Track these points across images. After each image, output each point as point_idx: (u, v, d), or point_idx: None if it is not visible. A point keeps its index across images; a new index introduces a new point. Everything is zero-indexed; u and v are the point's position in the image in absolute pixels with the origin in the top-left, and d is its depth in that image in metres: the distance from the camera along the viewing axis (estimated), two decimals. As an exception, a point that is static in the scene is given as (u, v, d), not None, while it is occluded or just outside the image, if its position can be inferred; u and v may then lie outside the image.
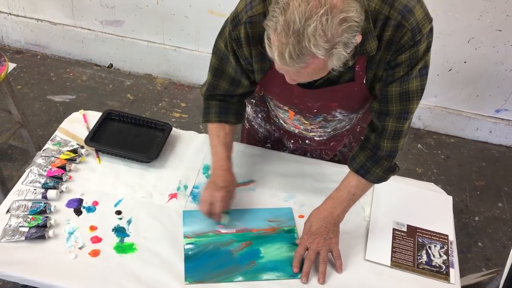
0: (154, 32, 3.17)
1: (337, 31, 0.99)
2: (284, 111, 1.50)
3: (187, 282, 1.32)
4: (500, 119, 3.03)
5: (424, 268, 1.41)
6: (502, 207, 2.72)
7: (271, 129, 1.72)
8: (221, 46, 1.35)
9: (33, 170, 1.53)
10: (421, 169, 2.91)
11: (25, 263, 1.32)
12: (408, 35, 1.15)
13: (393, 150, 1.35)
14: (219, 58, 1.38)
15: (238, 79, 1.40)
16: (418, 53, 1.18)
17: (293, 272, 1.36)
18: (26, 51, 3.49)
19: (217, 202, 1.40)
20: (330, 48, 1.00)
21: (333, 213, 1.39)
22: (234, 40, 1.28)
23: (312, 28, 0.97)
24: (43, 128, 2.89)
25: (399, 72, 1.21)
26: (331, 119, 1.46)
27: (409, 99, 1.26)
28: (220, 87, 1.43)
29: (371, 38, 1.16)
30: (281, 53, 1.02)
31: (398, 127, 1.30)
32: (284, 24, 0.99)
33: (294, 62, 1.02)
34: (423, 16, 1.15)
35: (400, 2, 1.14)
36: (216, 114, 1.47)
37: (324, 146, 1.68)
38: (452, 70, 2.88)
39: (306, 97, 1.36)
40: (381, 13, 1.14)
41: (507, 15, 2.59)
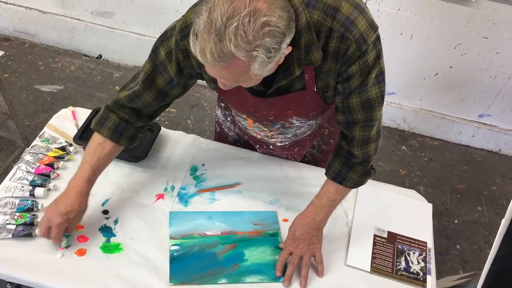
0: (144, 25, 3.17)
1: (258, 33, 1.00)
2: (244, 119, 1.52)
3: (171, 284, 1.34)
4: (483, 124, 3.10)
5: (403, 274, 1.46)
6: (481, 210, 2.79)
7: (240, 133, 1.75)
8: (161, 54, 1.32)
9: (21, 167, 1.54)
10: (404, 170, 2.96)
11: (12, 261, 1.33)
12: (353, 46, 1.17)
13: (365, 156, 1.38)
14: (154, 66, 1.34)
15: (165, 92, 1.37)
16: (368, 62, 1.20)
17: (275, 276, 1.39)
18: (14, 39, 3.46)
19: (53, 229, 1.33)
20: (251, 50, 1.01)
21: (315, 219, 1.43)
22: (181, 50, 1.27)
23: (233, 27, 0.98)
24: (30, 119, 2.88)
25: (354, 83, 1.24)
26: (289, 126, 1.48)
27: (371, 106, 1.29)
28: (143, 99, 1.38)
29: (315, 48, 1.17)
30: (203, 50, 1.03)
31: (365, 135, 1.34)
32: (207, 21, 1.00)
33: (215, 60, 1.03)
34: (366, 27, 1.17)
35: (342, 14, 1.15)
36: (110, 130, 1.40)
37: (289, 152, 1.70)
38: (438, 74, 2.93)
39: (260, 106, 1.38)
40: (324, 25, 1.16)
41: (494, 23, 2.63)
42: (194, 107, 3.14)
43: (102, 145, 1.41)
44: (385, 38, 2.76)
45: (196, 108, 3.14)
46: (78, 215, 1.37)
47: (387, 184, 1.75)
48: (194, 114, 3.09)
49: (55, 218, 1.32)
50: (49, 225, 1.33)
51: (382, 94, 1.29)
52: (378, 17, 2.70)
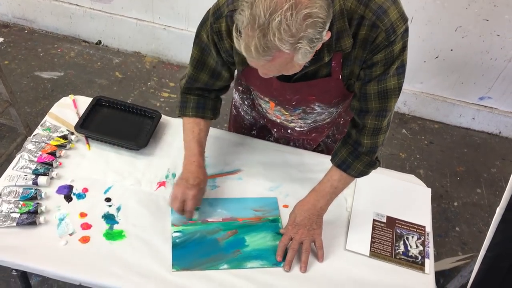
0: (143, 10, 3.15)
1: (301, 26, 1.01)
2: (265, 102, 1.54)
3: (174, 269, 1.37)
4: (483, 106, 3.10)
5: (401, 258, 1.48)
6: (481, 193, 2.81)
7: (257, 117, 1.76)
8: (203, 37, 1.37)
9: (23, 156, 1.56)
10: (404, 154, 2.97)
11: (16, 249, 1.36)
12: (383, 35, 1.18)
13: (373, 146, 1.39)
14: (201, 49, 1.40)
15: (218, 71, 1.43)
16: (394, 52, 1.22)
17: (276, 261, 1.42)
18: (13, 25, 3.45)
19: (189, 200, 1.42)
20: (295, 43, 1.03)
21: (316, 206, 1.44)
22: (215, 33, 1.30)
23: (276, 22, 1.00)
24: (31, 105, 2.89)
25: (376, 71, 1.25)
26: (310, 112, 1.50)
27: (387, 97, 1.30)
28: (200, 79, 1.45)
29: (346, 36, 1.19)
30: (248, 46, 1.05)
31: (377, 124, 1.35)
32: (250, 17, 1.02)
33: (260, 55, 1.05)
34: (397, 17, 1.18)
35: (375, 3, 1.16)
36: (193, 109, 1.49)
37: (306, 137, 1.72)
38: (438, 57, 2.92)
39: (284, 90, 1.39)
40: (357, 13, 1.17)
41: (495, 5, 2.62)
42: (195, 92, 3.14)
43: (192, 125, 1.50)
44: (385, 22, 2.76)
45: (197, 93, 3.14)
46: (205, 185, 1.48)
47: (386, 169, 1.76)
48: (195, 99, 3.09)
49: (189, 191, 1.42)
50: (184, 199, 1.42)
51: (400, 86, 1.30)
52: (378, 0, 2.69)
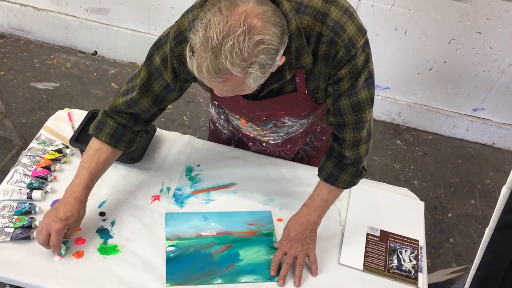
0: (139, 22, 3.17)
1: (253, 51, 1.03)
2: (237, 119, 1.56)
3: (168, 284, 1.37)
4: (477, 117, 3.12)
5: (395, 272, 1.49)
6: (475, 204, 2.82)
7: (233, 131, 1.77)
8: (156, 61, 1.34)
9: (18, 169, 1.56)
10: (399, 165, 2.99)
11: (10, 263, 1.36)
12: (343, 51, 1.19)
13: (357, 157, 1.40)
14: (149, 73, 1.36)
15: (162, 97, 1.40)
16: (357, 66, 1.23)
17: (270, 275, 1.42)
18: (9, 36, 3.46)
19: (53, 235, 1.33)
20: (246, 67, 1.04)
21: (309, 220, 1.45)
22: (176, 57, 1.29)
23: (229, 45, 1.01)
24: (27, 116, 2.90)
25: (344, 85, 1.26)
26: (281, 125, 1.51)
27: (361, 109, 1.31)
28: (140, 105, 1.40)
29: (305, 53, 1.20)
30: (200, 67, 1.06)
31: (356, 136, 1.36)
32: (203, 39, 1.03)
33: (211, 77, 1.06)
34: (355, 31, 1.19)
35: (331, 19, 1.17)
36: (108, 136, 1.42)
37: (281, 148, 1.73)
38: (432, 69, 2.95)
39: (252, 108, 1.41)
40: (314, 30, 1.18)
41: (487, 18, 2.65)
42: (190, 103, 3.15)
43: (99, 151, 1.42)
44: (380, 34, 2.80)
45: (192, 104, 3.15)
46: (77, 220, 1.39)
47: (380, 182, 1.77)
48: (190, 110, 3.11)
49: (54, 224, 1.33)
50: (48, 232, 1.34)
51: (371, 97, 1.31)
52: (372, 13, 2.72)
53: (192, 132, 2.93)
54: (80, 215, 1.39)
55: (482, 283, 1.10)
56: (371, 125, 1.39)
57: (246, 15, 1.01)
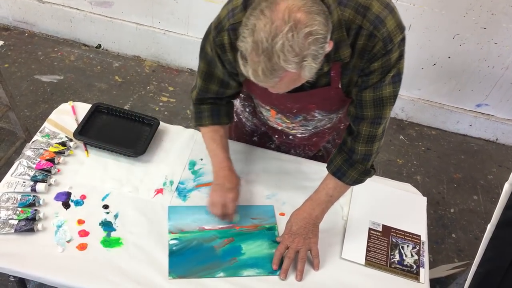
0: (143, 15, 3.17)
1: (304, 45, 1.04)
2: (267, 110, 1.56)
3: (170, 277, 1.38)
4: (481, 113, 3.11)
5: (396, 267, 1.49)
6: (477, 199, 2.82)
7: (258, 123, 1.77)
8: (208, 50, 1.39)
9: (22, 162, 1.57)
10: (401, 160, 2.99)
11: (14, 255, 1.37)
12: (380, 44, 1.19)
13: (367, 153, 1.41)
14: (208, 62, 1.42)
15: (226, 81, 1.44)
16: (390, 61, 1.23)
17: (272, 269, 1.43)
18: (14, 28, 3.46)
19: (229, 203, 1.48)
20: (300, 61, 1.06)
21: (312, 214, 1.46)
22: (218, 46, 1.32)
23: (279, 45, 1.03)
24: (31, 109, 2.90)
25: (373, 79, 1.27)
26: (311, 119, 1.52)
27: (382, 105, 1.31)
28: (211, 90, 1.47)
29: (344, 46, 1.21)
30: (255, 71, 1.08)
31: (372, 131, 1.36)
32: (253, 44, 1.05)
33: (268, 78, 1.08)
34: (394, 27, 1.19)
35: (372, 13, 1.18)
36: (209, 118, 1.53)
37: (307, 142, 1.73)
38: (436, 64, 2.94)
39: (285, 100, 1.42)
40: (354, 23, 1.19)
41: (492, 13, 2.63)
42: (193, 97, 3.15)
43: (212, 132, 1.55)
44: (383, 29, 2.78)
45: (195, 98, 3.15)
46: (239, 187, 1.53)
47: (383, 178, 1.77)
48: (193, 104, 3.10)
49: (228, 194, 1.48)
50: (224, 203, 1.48)
51: (395, 94, 1.32)
52: (376, 8, 2.71)
53: (195, 126, 2.93)
54: (239, 181, 1.54)
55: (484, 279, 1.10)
56: (387, 123, 1.39)
57: (289, 11, 1.02)
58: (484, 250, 1.05)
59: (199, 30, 3.13)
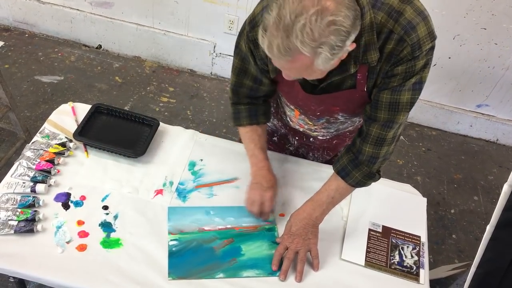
0: (143, 15, 3.17)
1: (324, 31, 1.04)
2: (291, 110, 1.56)
3: (170, 278, 1.38)
4: (481, 114, 3.11)
5: (396, 268, 1.49)
6: (478, 200, 2.82)
7: (278, 125, 1.77)
8: (242, 46, 1.40)
9: (22, 163, 1.57)
10: (402, 161, 2.98)
11: (14, 256, 1.37)
12: (408, 49, 1.18)
13: (374, 156, 1.39)
14: (241, 58, 1.43)
15: (260, 78, 1.46)
16: (415, 67, 1.21)
17: (272, 270, 1.43)
18: (14, 29, 3.46)
19: (267, 202, 1.52)
20: (316, 47, 1.05)
21: (312, 215, 1.46)
22: (251, 41, 1.34)
23: (301, 25, 1.03)
24: (31, 110, 2.90)
25: (394, 82, 1.25)
26: (334, 121, 1.51)
27: (397, 109, 1.30)
28: (244, 85, 1.49)
29: (373, 49, 1.20)
30: (271, 44, 1.08)
31: (382, 134, 1.35)
32: (276, 17, 1.05)
33: (281, 55, 1.08)
34: (425, 34, 1.18)
35: (405, 18, 1.17)
36: (247, 118, 1.55)
37: (327, 144, 1.72)
38: (436, 65, 2.94)
39: (309, 101, 1.42)
40: (386, 27, 1.18)
41: (493, 14, 2.63)
42: (194, 98, 3.16)
43: (250, 132, 1.57)
44: (384, 29, 2.78)
45: (196, 98, 3.16)
46: (277, 187, 1.56)
47: (383, 178, 1.75)
48: (194, 104, 3.11)
49: (266, 193, 1.51)
50: (261, 202, 1.51)
51: (412, 102, 1.29)
52: (376, 8, 2.71)
53: (195, 126, 2.93)
54: (277, 181, 1.57)
55: (483, 279, 1.10)
56: (400, 129, 1.38)
57: None
58: (483, 251, 1.05)
59: (199, 30, 3.14)
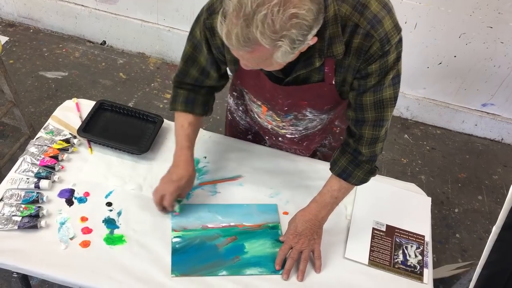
0: (148, 12, 3.16)
1: (285, 24, 1.01)
2: (258, 106, 1.54)
3: (173, 275, 1.38)
4: (486, 113, 3.10)
5: (400, 267, 1.49)
6: (482, 200, 2.81)
7: (251, 122, 1.77)
8: (196, 33, 1.37)
9: (26, 159, 1.57)
10: (406, 159, 2.97)
11: (17, 252, 1.37)
12: (377, 45, 1.18)
13: (373, 155, 1.40)
14: (194, 46, 1.40)
15: (208, 70, 1.43)
16: (388, 63, 1.22)
17: (275, 268, 1.43)
18: (19, 24, 3.46)
19: (167, 195, 1.45)
20: (276, 40, 1.02)
21: (318, 216, 1.45)
22: (208, 29, 1.30)
23: (262, 15, 0.99)
24: (35, 105, 2.91)
25: (371, 81, 1.25)
26: (302, 118, 1.50)
27: (383, 107, 1.30)
28: (190, 75, 1.46)
29: (338, 42, 1.19)
30: (229, 33, 1.05)
31: (375, 134, 1.35)
32: (237, 5, 1.01)
33: (240, 45, 1.05)
34: (392, 27, 1.18)
35: (370, 12, 1.16)
36: (182, 104, 1.50)
37: (297, 146, 1.72)
38: (442, 63, 2.92)
39: (277, 93, 1.39)
40: (351, 20, 1.17)
41: (499, 12, 2.61)
42: (198, 94, 3.15)
43: (182, 118, 1.51)
44: (389, 28, 2.76)
45: (200, 95, 3.15)
46: (189, 180, 1.49)
47: (387, 177, 1.77)
48: (198, 101, 3.10)
49: (169, 186, 1.46)
50: (163, 193, 1.46)
51: (395, 96, 1.30)
52: (382, 6, 2.69)
53: (199, 123, 2.93)
54: (191, 174, 1.50)
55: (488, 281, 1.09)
56: (389, 124, 1.39)
57: None
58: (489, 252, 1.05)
59: (204, 27, 3.13)
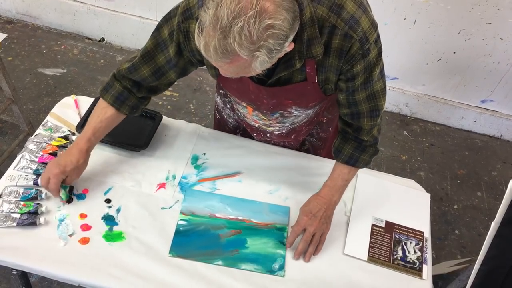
0: (147, 8, 3.16)
1: (262, 35, 1.02)
2: (243, 107, 1.55)
3: (170, 255, 1.40)
4: (485, 109, 3.10)
5: (399, 263, 1.49)
6: (481, 196, 2.81)
7: (239, 120, 1.77)
8: (164, 32, 1.35)
9: (24, 156, 1.56)
10: (405, 156, 2.97)
11: (16, 249, 1.37)
12: (357, 45, 1.20)
13: (374, 138, 1.46)
14: (156, 43, 1.38)
15: (163, 71, 1.42)
16: (371, 60, 1.25)
17: (271, 268, 1.42)
18: (17, 21, 3.46)
19: (52, 179, 1.42)
20: (254, 50, 1.04)
21: (332, 200, 1.48)
22: (182, 32, 1.30)
23: (238, 27, 1.00)
24: (34, 102, 2.90)
25: (358, 80, 1.29)
26: (288, 115, 1.51)
27: (375, 98, 1.36)
28: (139, 72, 1.43)
29: (317, 43, 1.20)
30: (207, 45, 1.06)
31: (373, 124, 1.41)
32: (213, 18, 1.02)
33: (218, 57, 1.06)
34: (369, 26, 1.21)
35: (347, 12, 1.18)
36: (113, 97, 1.47)
37: (286, 139, 1.73)
38: (441, 59, 2.92)
39: (261, 94, 1.40)
40: (328, 21, 1.18)
41: (498, 8, 2.61)
42: (197, 91, 3.15)
43: (104, 109, 1.48)
44: (389, 24, 2.77)
45: (199, 92, 3.15)
46: (75, 169, 1.45)
47: (386, 173, 1.77)
48: (197, 98, 3.10)
49: (53, 169, 1.42)
50: (48, 176, 1.42)
51: (385, 86, 1.36)
52: (381, 2, 2.70)
53: (198, 120, 2.93)
54: (80, 165, 1.46)
55: (487, 276, 1.10)
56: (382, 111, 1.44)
57: None
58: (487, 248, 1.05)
59: (203, 24, 3.12)
